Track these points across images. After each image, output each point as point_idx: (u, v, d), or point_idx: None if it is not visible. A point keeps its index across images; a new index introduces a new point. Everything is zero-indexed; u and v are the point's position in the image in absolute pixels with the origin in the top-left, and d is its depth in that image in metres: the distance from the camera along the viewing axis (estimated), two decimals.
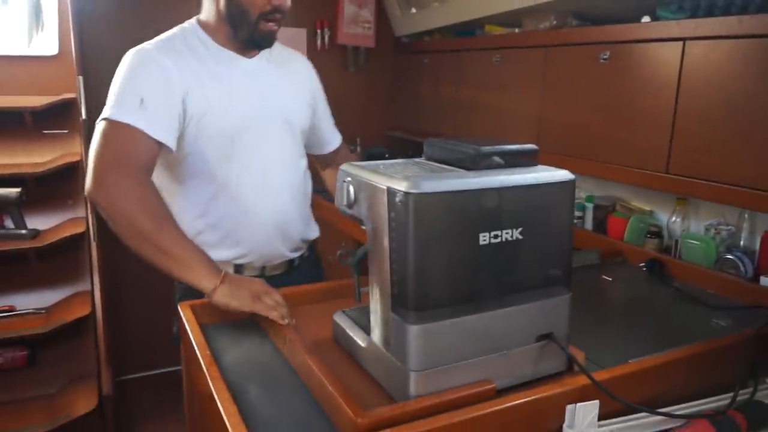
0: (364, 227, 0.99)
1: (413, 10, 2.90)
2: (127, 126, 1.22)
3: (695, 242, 1.71)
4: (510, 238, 0.91)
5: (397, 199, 0.85)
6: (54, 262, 2.43)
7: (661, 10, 1.67)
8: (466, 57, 2.52)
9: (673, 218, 1.82)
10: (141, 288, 2.90)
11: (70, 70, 2.43)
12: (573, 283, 1.00)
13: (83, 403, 2.15)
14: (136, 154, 1.23)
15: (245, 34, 1.36)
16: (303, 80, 1.57)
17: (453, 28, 2.66)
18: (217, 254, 1.36)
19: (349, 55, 3.09)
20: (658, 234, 1.84)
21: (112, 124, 1.23)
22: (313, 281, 1.51)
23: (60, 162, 2.43)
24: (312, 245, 1.64)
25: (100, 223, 2.46)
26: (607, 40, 1.79)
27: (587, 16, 1.97)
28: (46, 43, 2.63)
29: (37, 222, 2.45)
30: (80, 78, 2.32)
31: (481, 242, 0.89)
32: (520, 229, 0.92)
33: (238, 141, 1.37)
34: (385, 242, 0.89)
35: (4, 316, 2.29)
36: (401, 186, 0.85)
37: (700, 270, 1.64)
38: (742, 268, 1.59)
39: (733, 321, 1.37)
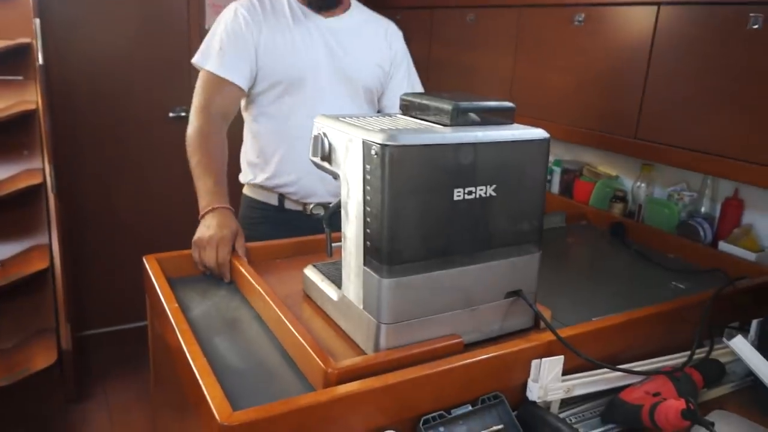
0: (337, 180, 0.97)
1: None
2: (207, 71, 1.51)
3: (658, 207, 1.75)
4: (484, 195, 0.91)
5: (373, 152, 0.84)
6: (10, 214, 2.35)
7: None
8: (439, 14, 2.48)
9: (638, 183, 1.85)
10: (103, 241, 2.84)
11: (26, 11, 2.30)
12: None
13: (42, 358, 2.11)
14: (211, 96, 1.50)
15: None
16: (379, 45, 1.69)
17: None
18: (266, 181, 1.64)
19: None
20: (623, 199, 1.88)
21: (199, 68, 1.54)
22: None
23: (15, 110, 2.32)
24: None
25: (59, 173, 2.39)
26: (583, 2, 1.78)
27: None
28: None
29: None
30: (37, 21, 2.20)
31: (455, 198, 0.89)
32: (494, 186, 0.92)
33: (296, 86, 1.56)
34: (359, 195, 0.88)
35: None
36: (377, 138, 0.83)
37: (662, 234, 1.68)
38: (702, 234, 1.63)
39: (692, 284, 1.41)
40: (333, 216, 1.06)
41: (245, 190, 1.74)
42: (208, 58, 1.52)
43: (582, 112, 1.83)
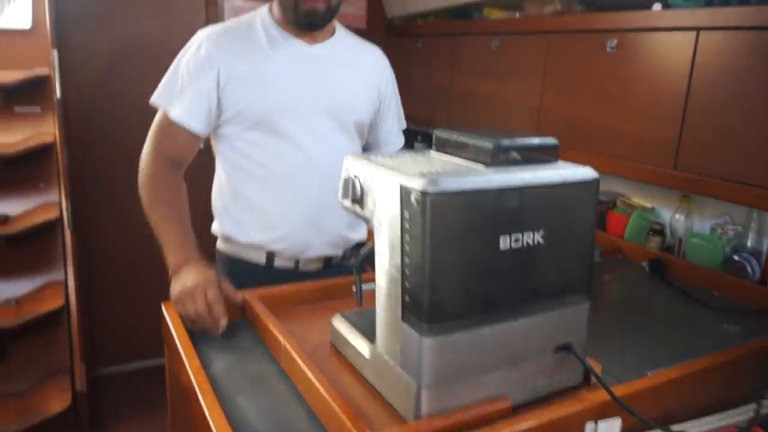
0: (369, 224, 0.90)
1: None
2: (164, 113, 1.34)
3: (700, 242, 1.65)
4: (531, 242, 0.84)
5: (413, 198, 0.76)
6: (25, 249, 2.30)
7: None
8: (462, 41, 2.42)
9: (677, 216, 1.76)
10: (119, 277, 2.79)
11: (45, 43, 2.29)
12: None
13: (56, 401, 2.04)
14: (166, 140, 1.34)
15: (290, 14, 1.34)
16: (370, 75, 1.50)
17: (449, 11, 2.56)
18: (251, 236, 1.41)
19: None
20: (660, 232, 1.79)
21: (157, 106, 1.36)
22: None
23: (32, 143, 2.29)
24: (359, 245, 1.48)
25: (76, 208, 2.35)
26: (615, 28, 1.71)
27: (593, 2, 1.89)
28: (19, 14, 2.47)
29: (7, 206, 2.31)
30: (54, 51, 2.17)
31: (502, 246, 0.81)
32: (541, 232, 0.84)
33: (278, 125, 1.36)
34: (397, 245, 0.80)
35: None
36: (417, 184, 0.76)
37: (705, 271, 1.59)
38: (749, 270, 1.54)
39: (743, 326, 1.32)
40: (363, 262, 0.99)
41: (220, 245, 1.50)
42: (165, 98, 1.34)
43: (615, 141, 1.75)
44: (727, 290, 1.51)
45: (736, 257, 1.56)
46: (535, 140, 0.91)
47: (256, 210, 1.40)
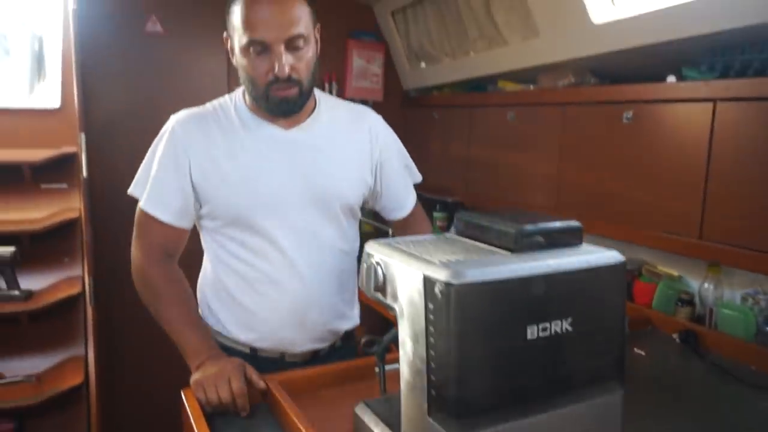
0: (392, 312, 0.89)
1: (423, 65, 2.87)
2: (140, 205, 1.31)
3: (732, 312, 1.61)
4: (559, 331, 0.81)
5: (437, 290, 0.75)
6: (47, 324, 2.31)
7: (687, 69, 1.61)
8: (478, 113, 2.46)
9: (706, 285, 1.72)
10: (139, 354, 2.75)
11: (72, 123, 2.37)
12: None
13: None
14: (149, 234, 1.31)
15: (262, 104, 1.27)
16: (361, 147, 1.39)
17: (464, 83, 2.62)
18: (233, 333, 1.34)
19: None
20: (689, 302, 1.74)
21: (133, 196, 1.33)
22: None
23: (58, 218, 2.34)
24: (349, 334, 1.47)
25: (98, 283, 2.36)
26: (630, 99, 1.73)
27: (607, 74, 1.92)
28: (48, 95, 2.58)
29: (31, 281, 2.34)
30: (82, 135, 2.25)
31: (529, 336, 0.79)
32: (569, 319, 0.82)
33: (253, 220, 1.28)
34: (421, 336, 0.79)
35: None
36: (441, 275, 0.75)
37: (739, 343, 1.53)
38: None
39: None
40: (387, 350, 0.97)
41: None
42: (139, 188, 1.31)
43: (637, 211, 1.73)
44: (763, 363, 1.45)
45: None
46: (558, 224, 0.90)
47: (238, 307, 1.33)
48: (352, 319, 1.45)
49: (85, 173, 2.25)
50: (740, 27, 1.41)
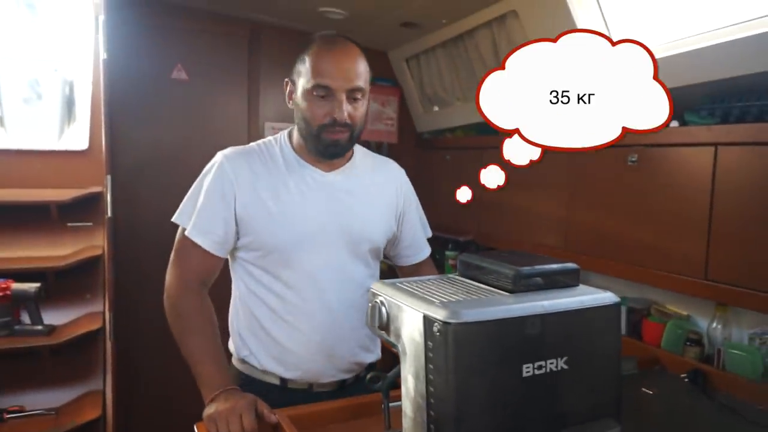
0: (395, 349, 0.93)
1: (436, 108, 2.96)
2: (183, 232, 1.37)
3: (740, 353, 1.61)
4: (555, 369, 0.85)
5: (435, 329, 0.80)
6: (67, 358, 2.36)
7: (689, 114, 1.66)
8: (488, 154, 2.52)
9: (714, 325, 1.73)
10: (156, 389, 2.79)
11: (99, 164, 2.46)
12: None
13: None
14: (186, 258, 1.38)
15: (312, 145, 1.37)
16: (388, 194, 1.50)
17: (475, 126, 2.69)
18: (264, 364, 1.40)
19: (372, 150, 3.10)
20: (698, 342, 1.75)
21: (178, 225, 1.40)
22: None
23: (82, 256, 2.42)
24: (372, 366, 1.52)
25: (118, 319, 2.42)
26: (634, 143, 1.78)
27: None
28: (77, 137, 2.69)
29: (54, 316, 2.41)
30: (108, 177, 2.34)
31: (525, 374, 0.82)
32: (565, 358, 0.86)
33: (290, 254, 1.36)
34: (422, 373, 0.83)
35: (14, 417, 2.21)
36: (439, 314, 0.80)
37: (746, 384, 1.54)
38: None
39: None
40: (391, 386, 1.01)
41: (235, 362, 1.47)
42: (185, 216, 1.38)
43: (644, 252, 1.76)
44: None
45: None
46: (555, 266, 0.94)
47: (269, 339, 1.39)
48: (375, 352, 1.51)
49: (110, 213, 2.33)
50: (739, 76, 1.47)
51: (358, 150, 1.51)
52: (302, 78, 1.34)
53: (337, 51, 1.34)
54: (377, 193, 1.48)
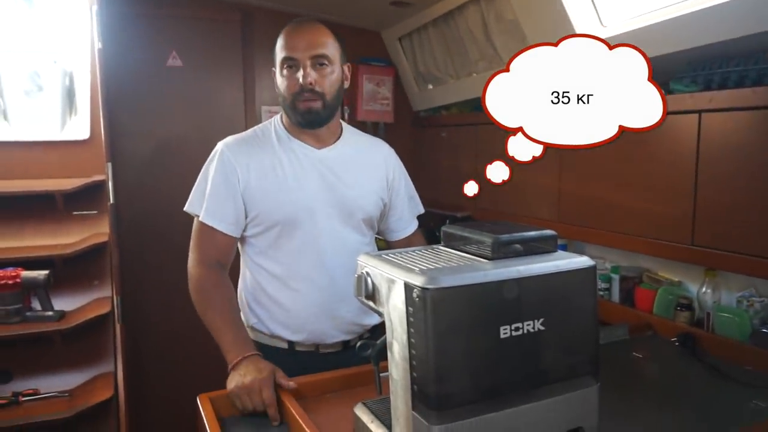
0: (382, 317, 0.98)
1: (430, 87, 2.98)
2: (196, 218, 1.49)
3: (728, 315, 1.65)
4: (531, 330, 0.89)
5: (415, 295, 0.84)
6: (78, 342, 2.44)
7: (674, 83, 1.68)
8: (483, 130, 2.55)
9: (704, 289, 1.76)
10: (164, 367, 2.87)
11: (100, 153, 2.51)
12: (602, 362, 0.97)
13: None
14: (204, 244, 1.48)
15: (293, 117, 1.49)
16: (377, 170, 1.61)
17: (470, 103, 2.71)
18: (272, 329, 1.52)
19: (369, 130, 3.15)
20: (688, 306, 1.79)
21: (190, 213, 1.51)
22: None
23: (88, 243, 2.48)
24: (375, 328, 1.62)
25: (126, 303, 2.49)
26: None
27: None
28: (79, 127, 2.75)
29: (63, 302, 2.48)
30: (109, 165, 2.39)
31: (502, 335, 0.87)
32: (542, 320, 0.90)
33: (293, 226, 1.48)
34: (404, 337, 0.88)
35: (29, 400, 2.29)
36: (418, 281, 0.84)
37: (734, 344, 1.58)
38: None
39: None
40: (380, 353, 1.05)
41: (247, 331, 1.54)
42: (196, 204, 1.49)
43: (633, 219, 1.80)
44: (758, 364, 1.49)
45: (764, 330, 1.56)
46: (533, 233, 0.98)
47: (276, 306, 1.51)
48: (375, 315, 1.57)
49: (111, 200, 2.39)
50: (718, 42, 1.49)
51: (347, 128, 1.63)
52: (276, 58, 1.48)
53: (302, 27, 1.46)
54: (367, 165, 1.59)
